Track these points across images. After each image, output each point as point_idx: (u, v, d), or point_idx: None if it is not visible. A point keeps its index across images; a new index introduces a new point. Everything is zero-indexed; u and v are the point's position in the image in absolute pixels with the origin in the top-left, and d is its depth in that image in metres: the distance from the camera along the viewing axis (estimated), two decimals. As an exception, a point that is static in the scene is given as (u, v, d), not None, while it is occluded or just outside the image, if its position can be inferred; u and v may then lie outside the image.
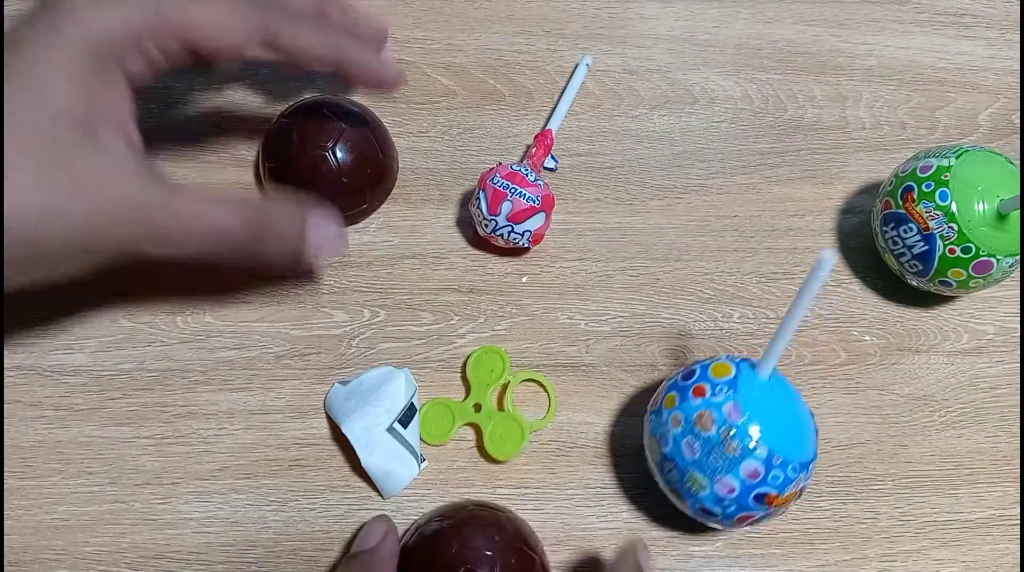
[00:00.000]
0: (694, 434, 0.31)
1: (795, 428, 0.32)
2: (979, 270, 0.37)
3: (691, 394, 0.32)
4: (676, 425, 0.32)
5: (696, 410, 0.32)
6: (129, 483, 0.36)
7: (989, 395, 0.41)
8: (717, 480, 0.31)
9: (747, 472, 0.31)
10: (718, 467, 0.31)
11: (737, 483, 0.31)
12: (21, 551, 0.35)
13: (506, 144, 0.45)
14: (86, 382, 0.38)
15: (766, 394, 0.32)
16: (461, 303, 0.41)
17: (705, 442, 0.31)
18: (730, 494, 0.31)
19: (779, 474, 0.31)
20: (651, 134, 0.46)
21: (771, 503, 0.32)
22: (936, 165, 0.38)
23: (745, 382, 0.32)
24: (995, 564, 0.38)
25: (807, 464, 0.32)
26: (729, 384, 0.32)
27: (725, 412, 0.31)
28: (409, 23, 0.48)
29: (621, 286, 0.42)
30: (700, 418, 0.31)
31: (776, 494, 0.31)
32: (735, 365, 0.33)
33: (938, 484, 0.39)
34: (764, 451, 0.31)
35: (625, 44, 0.48)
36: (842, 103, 0.47)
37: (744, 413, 0.31)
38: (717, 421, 0.31)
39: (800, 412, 0.33)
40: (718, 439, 0.31)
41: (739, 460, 0.31)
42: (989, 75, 0.49)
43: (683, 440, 0.32)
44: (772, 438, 0.31)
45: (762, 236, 0.44)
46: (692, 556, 0.37)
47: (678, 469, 0.32)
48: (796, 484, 0.32)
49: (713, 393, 0.32)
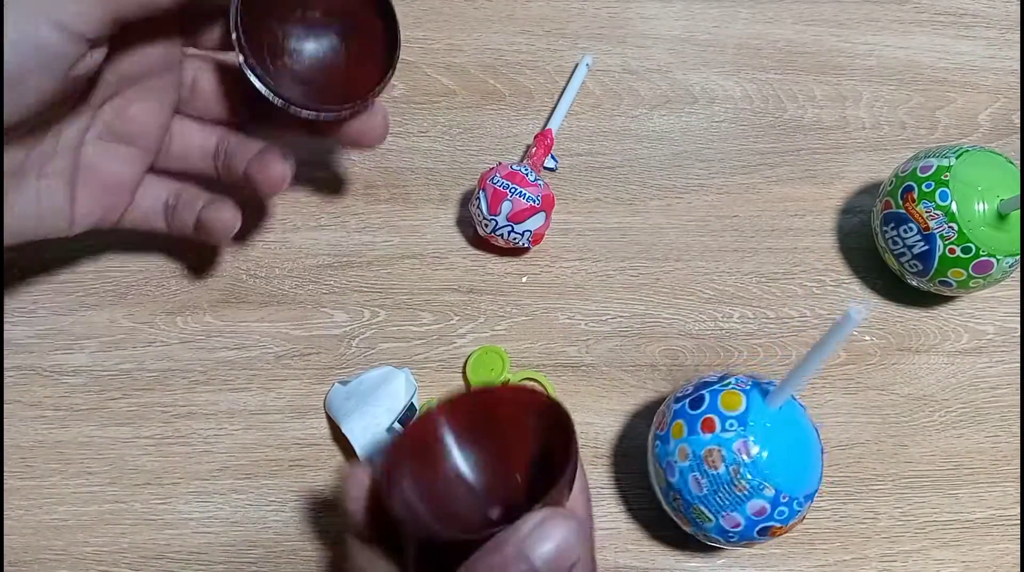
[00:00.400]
0: (702, 471, 0.31)
1: (803, 461, 0.32)
2: (979, 270, 0.37)
3: (700, 428, 0.32)
4: (683, 458, 0.32)
5: (705, 446, 0.31)
6: (129, 483, 0.36)
7: (989, 395, 0.41)
8: (723, 516, 0.31)
9: (753, 510, 0.31)
10: (725, 504, 0.31)
11: (743, 519, 0.31)
12: (21, 551, 0.35)
13: (506, 144, 0.45)
14: (86, 382, 0.38)
15: (776, 427, 0.31)
16: (461, 303, 0.41)
17: (713, 479, 0.31)
18: (735, 528, 0.31)
19: (784, 510, 0.31)
20: (651, 134, 0.46)
21: (774, 535, 0.32)
22: (936, 165, 0.38)
23: (755, 416, 0.31)
24: (995, 564, 0.37)
25: (812, 495, 0.32)
26: (739, 420, 0.31)
27: (735, 450, 0.31)
28: (409, 23, 0.48)
29: (621, 286, 0.42)
30: (709, 455, 0.31)
31: (780, 526, 0.31)
32: (745, 395, 0.32)
33: (938, 484, 0.39)
34: (772, 491, 0.30)
35: (625, 44, 0.48)
36: (842, 103, 0.47)
37: (753, 450, 0.30)
38: (726, 460, 0.31)
39: (808, 442, 0.32)
40: (727, 477, 0.30)
41: (747, 498, 0.30)
42: (989, 75, 0.49)
43: (690, 475, 0.31)
44: (780, 477, 0.30)
45: (762, 236, 0.44)
46: (692, 556, 0.37)
47: (683, 501, 0.32)
48: (800, 515, 0.32)
49: (723, 428, 0.31)
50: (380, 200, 0.43)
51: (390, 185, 0.43)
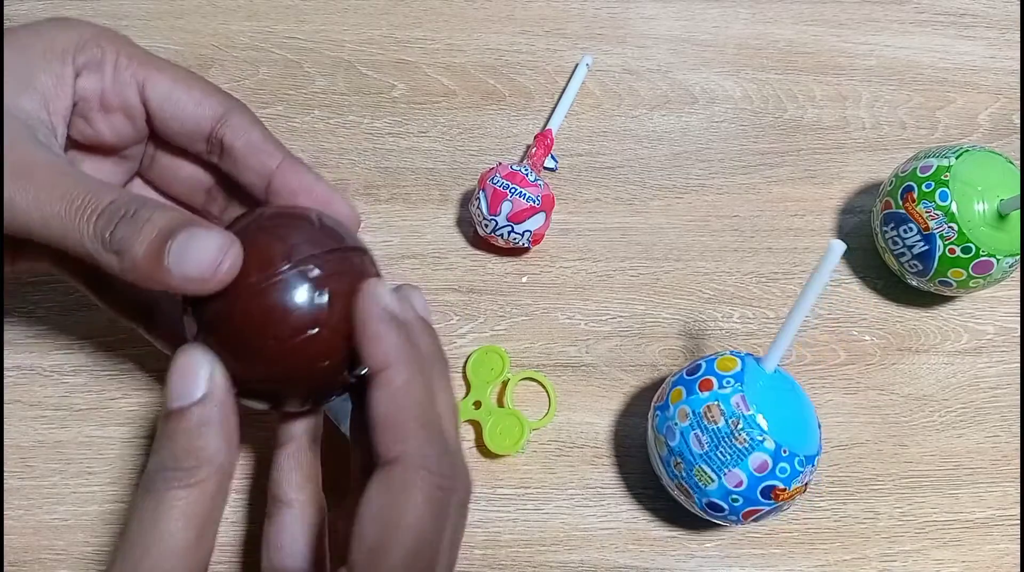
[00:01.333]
0: (702, 427, 0.32)
1: (800, 421, 0.33)
2: (979, 270, 0.37)
3: (698, 388, 0.33)
4: (683, 419, 0.32)
5: (704, 403, 0.32)
6: (130, 483, 0.36)
7: (989, 395, 0.41)
8: (725, 473, 0.31)
9: (755, 464, 0.31)
10: (726, 460, 0.31)
11: (745, 476, 0.31)
12: (22, 551, 0.35)
13: (506, 144, 0.45)
14: (86, 382, 0.38)
15: (772, 387, 0.32)
16: (461, 303, 0.41)
17: (713, 434, 0.31)
18: (738, 488, 0.31)
19: (786, 467, 0.31)
20: (651, 134, 0.46)
21: (777, 497, 0.32)
22: (936, 165, 0.38)
23: (751, 375, 0.32)
24: (995, 564, 0.37)
25: (812, 458, 0.32)
26: (736, 377, 0.32)
27: (733, 404, 0.31)
28: (409, 23, 0.48)
29: (621, 286, 0.42)
30: (708, 411, 0.32)
31: (783, 488, 0.31)
32: (740, 359, 0.33)
33: (938, 484, 0.39)
34: (772, 443, 0.31)
35: (625, 44, 0.48)
36: (842, 103, 0.47)
37: (752, 405, 0.31)
38: (725, 413, 0.31)
39: (804, 406, 0.33)
40: (727, 430, 0.31)
41: (748, 452, 0.31)
42: (989, 75, 0.49)
43: (691, 433, 0.32)
44: (779, 430, 0.31)
45: (762, 236, 0.44)
46: (692, 556, 0.37)
47: (685, 463, 0.32)
48: (802, 478, 0.32)
49: (720, 385, 0.32)
50: (380, 200, 0.43)
51: (390, 185, 0.43)
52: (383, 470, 0.24)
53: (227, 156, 0.30)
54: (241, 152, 0.29)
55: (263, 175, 0.30)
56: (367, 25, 0.48)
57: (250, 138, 0.30)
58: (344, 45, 0.47)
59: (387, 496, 0.23)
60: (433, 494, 0.23)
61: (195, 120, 0.29)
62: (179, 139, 0.30)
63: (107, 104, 0.29)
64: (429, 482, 0.23)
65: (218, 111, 0.29)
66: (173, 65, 0.30)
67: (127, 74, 0.29)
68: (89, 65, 0.28)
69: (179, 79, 0.29)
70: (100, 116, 0.29)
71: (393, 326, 0.24)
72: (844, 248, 0.28)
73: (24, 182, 0.25)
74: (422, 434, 0.24)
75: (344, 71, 0.46)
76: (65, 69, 0.28)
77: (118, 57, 0.29)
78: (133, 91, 0.29)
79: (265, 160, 0.29)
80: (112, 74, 0.29)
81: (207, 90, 0.30)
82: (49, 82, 0.28)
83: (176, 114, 0.29)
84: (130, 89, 0.29)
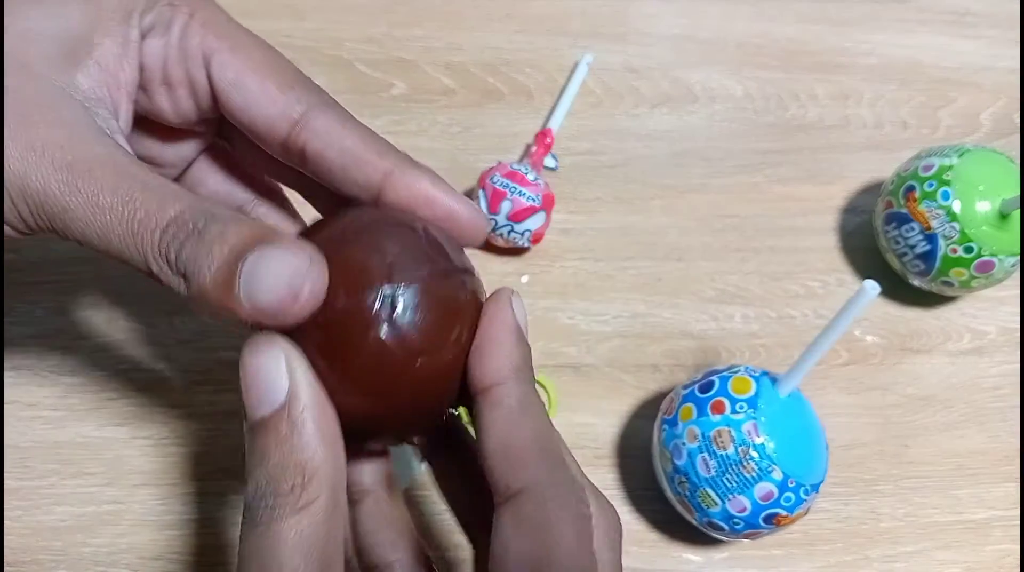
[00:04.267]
0: (711, 452, 0.31)
1: (810, 450, 0.32)
2: (981, 270, 0.37)
3: (709, 409, 0.32)
4: (692, 440, 0.32)
5: (715, 427, 0.31)
6: (127, 484, 0.36)
7: (991, 395, 0.41)
8: (730, 499, 0.31)
9: (760, 493, 0.31)
10: (732, 487, 0.31)
11: (750, 503, 0.31)
12: (20, 552, 0.35)
13: (506, 143, 0.45)
14: (84, 382, 0.38)
15: (785, 413, 0.32)
16: (461, 303, 0.41)
17: (722, 460, 0.31)
18: (741, 513, 0.31)
19: (791, 496, 0.31)
20: (652, 133, 0.46)
21: (779, 523, 0.31)
22: (938, 164, 0.38)
23: (765, 400, 0.31)
24: (997, 565, 0.37)
25: (817, 485, 0.32)
26: (749, 402, 0.31)
27: (744, 431, 0.31)
28: (409, 22, 0.48)
29: (622, 286, 0.42)
30: (719, 436, 0.31)
31: (786, 515, 0.31)
32: (755, 381, 0.32)
33: (940, 485, 0.39)
34: (780, 474, 0.30)
35: (626, 42, 0.48)
36: (844, 102, 0.47)
37: (763, 433, 0.31)
38: (736, 440, 0.31)
39: (814, 433, 0.33)
40: (736, 458, 0.31)
41: (755, 481, 0.30)
42: (991, 74, 0.49)
43: (699, 456, 0.31)
44: (788, 460, 0.31)
45: (764, 235, 0.43)
46: (693, 558, 0.36)
47: (690, 484, 0.32)
48: (805, 505, 0.32)
49: (733, 410, 0.31)
50: (380, 199, 0.43)
51: (390, 184, 0.43)
52: (508, 506, 0.20)
53: (313, 165, 0.24)
54: (336, 163, 0.24)
55: (368, 189, 0.24)
56: (367, 23, 0.48)
57: (344, 145, 0.23)
58: (343, 43, 0.47)
59: (527, 537, 0.20)
60: (583, 528, 0.20)
61: (266, 120, 0.23)
62: (251, 136, 0.25)
63: (169, 78, 0.24)
64: (571, 512, 0.20)
65: (295, 111, 0.23)
66: (253, 43, 0.24)
67: (194, 43, 0.23)
68: (156, 27, 0.23)
69: (252, 65, 0.23)
70: (162, 90, 0.24)
71: (518, 341, 0.21)
72: (878, 290, 0.27)
73: (81, 183, 0.20)
74: (546, 461, 0.21)
75: (343, 69, 0.46)
76: (131, 32, 0.23)
77: (189, 20, 0.23)
78: (199, 66, 0.24)
79: (369, 173, 0.24)
80: (178, 42, 0.23)
81: (284, 82, 0.24)
82: (112, 50, 0.22)
83: (244, 108, 0.24)
84: (195, 63, 0.23)
